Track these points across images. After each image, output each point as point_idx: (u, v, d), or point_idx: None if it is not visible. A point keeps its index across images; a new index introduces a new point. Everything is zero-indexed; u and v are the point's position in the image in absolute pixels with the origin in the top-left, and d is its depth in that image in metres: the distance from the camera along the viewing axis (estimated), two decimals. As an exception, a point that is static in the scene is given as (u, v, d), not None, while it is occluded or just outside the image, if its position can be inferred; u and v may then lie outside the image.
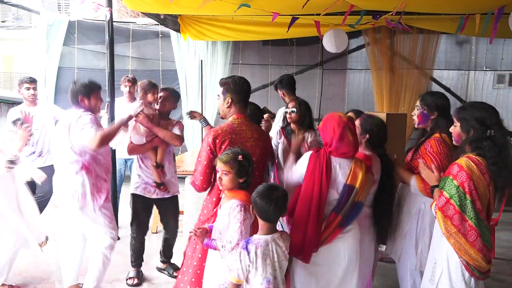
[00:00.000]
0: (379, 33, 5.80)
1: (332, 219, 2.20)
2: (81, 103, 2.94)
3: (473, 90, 6.59)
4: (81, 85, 2.97)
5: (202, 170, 2.35)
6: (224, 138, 2.32)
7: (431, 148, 2.52)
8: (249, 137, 2.40)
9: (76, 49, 6.39)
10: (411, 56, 5.91)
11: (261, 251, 1.95)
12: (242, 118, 2.46)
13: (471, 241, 2.04)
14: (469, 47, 6.57)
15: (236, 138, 2.35)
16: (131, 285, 3.40)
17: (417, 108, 2.70)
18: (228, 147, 2.28)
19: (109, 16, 4.01)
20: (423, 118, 2.66)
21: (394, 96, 5.93)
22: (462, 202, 2.05)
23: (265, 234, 2.01)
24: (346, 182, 2.20)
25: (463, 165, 2.07)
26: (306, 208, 2.20)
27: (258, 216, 2.03)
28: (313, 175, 2.21)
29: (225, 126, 2.41)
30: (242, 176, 2.15)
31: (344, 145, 2.20)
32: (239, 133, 2.38)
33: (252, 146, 2.39)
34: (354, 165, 2.22)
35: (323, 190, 2.17)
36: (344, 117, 2.24)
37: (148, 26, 6.54)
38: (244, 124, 2.44)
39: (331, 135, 2.20)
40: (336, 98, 6.64)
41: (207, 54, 6.33)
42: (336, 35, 4.67)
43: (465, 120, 2.17)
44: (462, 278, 2.09)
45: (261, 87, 6.68)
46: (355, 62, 6.68)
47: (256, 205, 2.00)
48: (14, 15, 11.91)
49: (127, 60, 6.46)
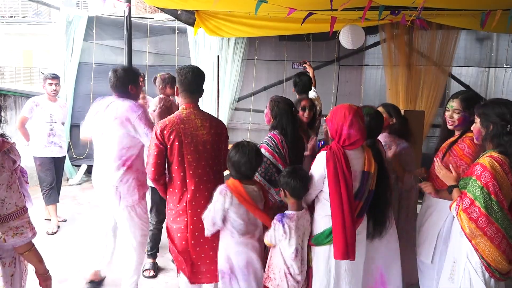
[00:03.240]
0: (396, 29, 5.72)
1: (356, 207, 2.26)
2: (131, 91, 2.91)
3: (493, 87, 6.44)
4: (131, 72, 2.96)
5: (152, 162, 2.42)
6: (172, 128, 2.39)
7: (468, 148, 2.46)
8: (199, 126, 2.45)
9: (95, 44, 6.48)
10: (429, 52, 5.80)
11: (294, 225, 2.28)
12: (191, 107, 2.50)
13: (496, 244, 2.00)
14: (490, 44, 6.42)
15: (185, 128, 2.41)
16: (148, 276, 3.46)
17: (457, 112, 2.55)
18: (176, 137, 2.37)
19: (128, 12, 4.06)
20: (465, 121, 2.54)
21: (411, 93, 5.84)
22: (487, 204, 1.99)
23: (296, 210, 2.32)
24: (364, 169, 2.28)
25: (486, 165, 2.02)
26: (339, 206, 2.20)
27: (289, 195, 2.32)
28: (335, 171, 2.20)
29: (173, 117, 2.46)
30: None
31: (354, 131, 2.22)
32: (187, 122, 2.43)
33: (203, 134, 2.45)
34: (367, 153, 2.32)
35: (348, 183, 2.20)
36: (354, 106, 2.31)
37: (165, 21, 6.59)
38: (192, 113, 2.48)
39: (342, 122, 2.23)
40: (352, 95, 6.58)
41: (222, 50, 6.34)
42: (353, 31, 4.62)
43: (485, 115, 2.13)
44: (482, 278, 2.06)
45: (276, 83, 6.67)
46: (372, 59, 6.60)
47: (286, 185, 2.30)
48: (34, 11, 12.12)
49: (144, 56, 6.52)
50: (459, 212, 2.08)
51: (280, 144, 2.67)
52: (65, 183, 6.43)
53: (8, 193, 1.63)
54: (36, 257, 1.76)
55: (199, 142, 2.43)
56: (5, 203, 1.62)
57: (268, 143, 2.67)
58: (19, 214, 1.66)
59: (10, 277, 1.72)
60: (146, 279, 3.44)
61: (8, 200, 1.63)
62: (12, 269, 1.73)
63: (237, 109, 6.81)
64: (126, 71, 2.92)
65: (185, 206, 2.44)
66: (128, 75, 2.91)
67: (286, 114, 2.73)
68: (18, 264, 1.77)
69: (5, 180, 1.62)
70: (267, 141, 2.68)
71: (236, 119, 6.84)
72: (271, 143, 2.66)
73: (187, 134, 2.41)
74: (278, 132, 2.72)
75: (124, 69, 2.93)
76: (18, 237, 1.65)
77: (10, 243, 1.66)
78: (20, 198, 1.67)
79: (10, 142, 1.68)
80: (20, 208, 1.67)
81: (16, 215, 1.65)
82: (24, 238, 1.67)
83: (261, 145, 2.66)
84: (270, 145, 2.65)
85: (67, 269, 3.47)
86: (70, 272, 3.46)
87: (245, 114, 6.82)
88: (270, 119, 2.80)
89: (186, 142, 2.41)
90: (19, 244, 1.68)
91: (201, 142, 2.44)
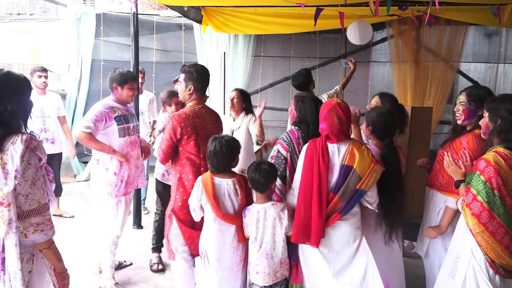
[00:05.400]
0: (404, 25, 5.67)
1: (330, 199, 2.25)
2: (115, 89, 3.19)
3: (501, 83, 6.38)
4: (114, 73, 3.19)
5: (165, 149, 2.69)
6: (188, 121, 2.66)
7: (467, 144, 2.43)
8: (208, 120, 2.77)
9: (102, 41, 6.49)
10: (437, 48, 5.74)
11: (254, 217, 2.34)
12: (203, 103, 2.80)
13: (498, 239, 1.99)
14: (499, 39, 6.34)
15: (198, 121, 2.71)
16: (156, 270, 3.50)
17: (462, 104, 2.52)
18: (191, 129, 2.64)
19: (135, 8, 4.06)
20: (470, 114, 2.49)
21: (418, 89, 5.79)
22: (490, 199, 1.99)
23: (260, 203, 2.37)
24: (343, 162, 2.25)
25: (490, 160, 2.01)
26: (308, 192, 2.27)
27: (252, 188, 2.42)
28: (311, 160, 2.27)
29: (188, 111, 2.71)
30: None
31: (325, 126, 2.29)
32: (201, 116, 2.73)
33: (211, 128, 2.76)
34: (352, 146, 2.28)
35: (322, 173, 2.23)
36: (334, 101, 2.34)
37: (171, 18, 6.59)
38: (203, 108, 2.79)
39: (321, 118, 2.34)
40: (359, 91, 6.54)
41: (229, 46, 6.32)
42: (361, 26, 4.57)
43: (494, 109, 2.11)
44: (486, 274, 2.04)
45: (283, 80, 6.65)
46: (379, 55, 6.56)
47: (250, 178, 2.38)
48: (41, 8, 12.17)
49: (150, 52, 6.53)
50: (464, 207, 2.07)
51: (295, 140, 2.67)
52: (72, 179, 6.49)
53: (32, 190, 1.66)
54: (55, 255, 1.78)
55: (209, 135, 2.60)
56: (28, 199, 1.65)
57: (284, 139, 2.69)
58: (41, 210, 1.68)
59: (27, 273, 1.73)
60: (154, 273, 3.48)
61: (31, 197, 1.66)
62: (30, 266, 1.75)
63: (243, 106, 6.78)
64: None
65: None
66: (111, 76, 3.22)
67: (311, 110, 2.71)
68: (36, 262, 1.77)
69: (30, 176, 1.65)
70: (284, 137, 2.70)
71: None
72: (287, 139, 2.68)
73: (200, 126, 2.69)
74: (296, 129, 2.72)
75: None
76: (38, 233, 1.68)
77: (30, 239, 1.68)
78: (43, 195, 1.70)
79: (37, 139, 1.71)
80: (42, 205, 1.69)
81: (38, 211, 1.67)
82: (44, 235, 1.69)
83: (277, 142, 2.71)
84: (285, 141, 2.67)
85: (76, 264, 3.51)
86: (79, 267, 3.50)
87: (251, 110, 6.80)
88: (294, 115, 2.79)
89: (201, 134, 2.68)
90: (39, 241, 1.70)
91: (211, 135, 2.60)
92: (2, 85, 1.68)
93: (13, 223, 1.62)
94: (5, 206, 1.60)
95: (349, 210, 2.26)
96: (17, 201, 1.63)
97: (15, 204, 1.63)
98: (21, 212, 1.64)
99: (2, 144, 1.63)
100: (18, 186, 1.62)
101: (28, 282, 1.72)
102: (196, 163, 2.67)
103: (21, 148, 1.62)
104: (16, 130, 1.68)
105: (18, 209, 1.64)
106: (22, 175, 1.62)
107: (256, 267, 2.34)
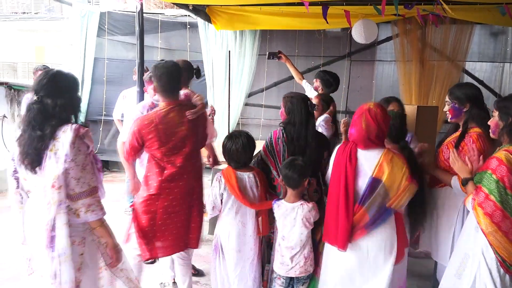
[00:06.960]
0: (409, 24, 5.65)
1: (356, 211, 2.18)
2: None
3: (507, 83, 6.33)
4: None
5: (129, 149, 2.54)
6: (151, 128, 2.45)
7: (473, 143, 2.42)
8: (177, 123, 2.50)
9: (106, 40, 6.51)
10: (442, 47, 5.72)
11: (281, 213, 2.41)
12: (172, 104, 2.53)
13: (511, 238, 1.97)
14: (505, 38, 6.30)
15: (163, 128, 2.47)
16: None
17: (447, 103, 2.61)
18: (155, 136, 2.45)
19: (140, 7, 4.07)
20: (455, 112, 2.58)
21: (423, 88, 5.78)
22: (503, 198, 1.97)
23: (290, 202, 2.40)
24: (372, 174, 2.16)
25: (502, 159, 2.00)
26: (335, 193, 2.24)
27: (284, 185, 2.42)
28: (339, 162, 2.25)
29: (152, 116, 2.51)
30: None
31: (354, 131, 2.22)
32: (168, 122, 2.49)
33: (183, 131, 2.52)
34: (383, 157, 2.17)
35: (348, 178, 2.18)
36: (366, 106, 2.24)
37: (176, 17, 6.59)
38: (174, 110, 2.52)
39: (351, 122, 2.28)
40: (364, 90, 6.52)
41: (234, 45, 6.32)
42: (366, 25, 4.56)
43: (505, 108, 2.10)
44: (497, 274, 2.03)
45: (287, 79, 6.63)
46: (384, 54, 6.53)
47: (283, 175, 2.40)
48: (46, 6, 12.22)
49: (155, 51, 6.54)
50: (475, 206, 2.05)
51: (275, 140, 2.63)
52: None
53: (82, 173, 1.85)
54: (107, 231, 1.98)
55: (181, 141, 2.52)
56: (79, 182, 1.84)
57: (266, 140, 2.70)
58: (91, 192, 1.88)
59: (79, 256, 1.90)
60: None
61: (82, 180, 1.85)
62: (82, 249, 1.91)
63: (248, 105, 6.79)
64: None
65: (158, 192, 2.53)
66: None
67: (300, 111, 2.61)
68: (88, 245, 1.94)
69: (80, 161, 1.84)
70: (267, 138, 2.71)
71: (247, 115, 6.83)
72: (268, 140, 2.68)
73: (167, 132, 2.48)
74: (280, 129, 2.65)
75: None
76: (90, 213, 1.87)
77: (82, 219, 1.87)
78: (92, 178, 1.89)
79: (85, 128, 1.87)
80: (92, 188, 1.88)
81: (89, 193, 1.87)
82: (95, 215, 1.89)
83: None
84: (267, 142, 2.69)
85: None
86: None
87: (256, 109, 6.81)
88: (285, 117, 2.70)
89: (167, 142, 2.49)
90: (91, 220, 1.89)
91: (180, 138, 2.52)
92: (52, 83, 1.87)
93: (63, 204, 1.81)
94: (56, 189, 1.78)
95: (376, 228, 2.17)
96: (70, 184, 1.82)
97: (68, 187, 1.82)
98: (74, 194, 1.83)
99: (55, 133, 1.83)
100: (71, 171, 1.81)
101: (81, 263, 1.90)
102: (161, 166, 2.53)
103: (71, 135, 1.81)
104: (67, 122, 1.87)
105: (72, 191, 1.83)
106: (74, 160, 1.81)
107: (281, 258, 2.43)
